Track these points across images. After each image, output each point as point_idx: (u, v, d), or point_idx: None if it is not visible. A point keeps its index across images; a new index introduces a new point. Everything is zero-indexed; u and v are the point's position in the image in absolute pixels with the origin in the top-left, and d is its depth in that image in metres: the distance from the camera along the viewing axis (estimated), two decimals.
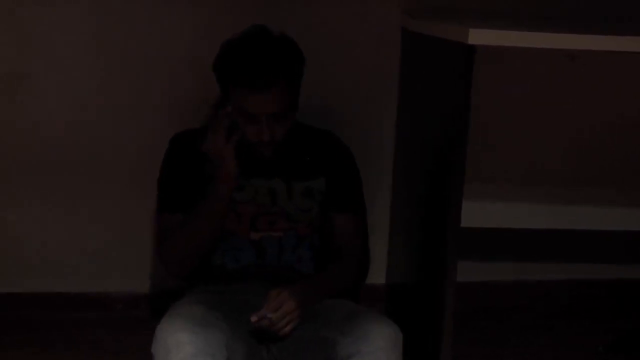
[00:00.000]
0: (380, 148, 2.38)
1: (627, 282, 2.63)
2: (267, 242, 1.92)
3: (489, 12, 2.28)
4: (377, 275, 2.37)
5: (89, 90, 2.27)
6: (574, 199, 2.39)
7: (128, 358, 2.12)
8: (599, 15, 2.32)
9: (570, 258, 2.60)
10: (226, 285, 1.88)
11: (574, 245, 2.56)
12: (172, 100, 2.28)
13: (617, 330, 2.42)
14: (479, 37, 1.65)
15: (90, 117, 2.28)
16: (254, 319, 1.70)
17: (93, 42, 2.24)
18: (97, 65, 2.25)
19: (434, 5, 2.29)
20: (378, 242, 2.30)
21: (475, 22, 1.85)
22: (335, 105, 2.31)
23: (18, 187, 2.30)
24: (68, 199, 2.32)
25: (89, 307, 2.37)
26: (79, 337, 2.25)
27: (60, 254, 2.35)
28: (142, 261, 2.38)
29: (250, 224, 1.92)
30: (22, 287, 2.35)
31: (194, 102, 2.20)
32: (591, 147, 2.44)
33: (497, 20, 1.99)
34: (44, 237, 2.34)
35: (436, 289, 1.87)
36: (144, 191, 2.31)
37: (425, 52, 2.09)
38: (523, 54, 1.88)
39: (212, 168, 1.86)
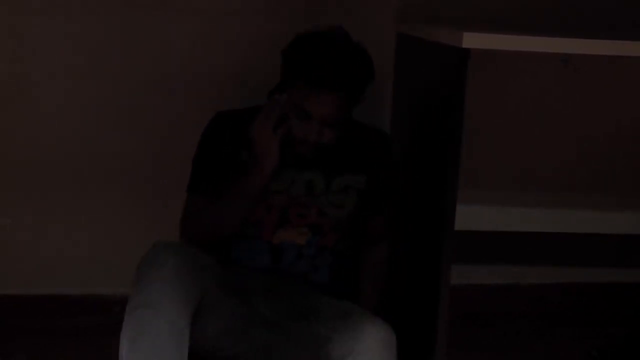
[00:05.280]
0: None
1: (621, 286, 2.64)
2: (287, 248, 1.89)
3: (483, 19, 2.29)
4: None
5: (85, 97, 2.27)
6: (568, 202, 2.39)
7: None
8: (594, 22, 2.33)
9: (564, 261, 2.61)
10: (237, 273, 1.86)
11: (568, 249, 2.57)
12: (170, 107, 2.29)
13: (611, 334, 2.43)
14: (473, 40, 1.65)
15: (88, 122, 2.29)
16: None
17: (90, 51, 2.24)
18: (95, 72, 2.26)
19: (428, 11, 2.30)
20: None
21: (468, 27, 1.85)
22: None
23: (15, 189, 2.30)
24: (65, 201, 2.33)
25: (86, 310, 2.37)
26: (76, 340, 2.25)
27: (57, 256, 2.36)
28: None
29: (279, 217, 1.87)
30: (18, 289, 2.35)
31: (192, 109, 2.21)
32: (585, 150, 2.46)
33: (491, 27, 2.00)
34: (40, 240, 2.35)
35: (430, 292, 1.88)
36: (142, 194, 2.32)
37: (420, 56, 2.09)
38: (517, 58, 1.89)
39: (250, 154, 1.81)
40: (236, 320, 1.74)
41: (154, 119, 2.29)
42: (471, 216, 2.19)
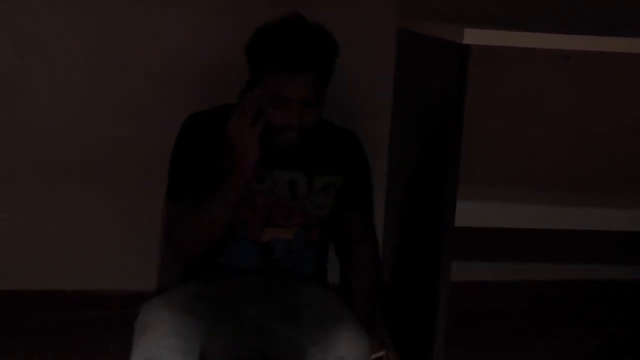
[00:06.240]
0: (374, 147, 2.37)
1: (622, 284, 2.65)
2: (277, 244, 1.90)
3: (483, 17, 2.29)
4: None
5: (86, 91, 2.27)
6: (568, 199, 2.39)
7: (124, 357, 2.12)
8: (593, 21, 2.33)
9: (564, 258, 2.61)
10: (227, 278, 1.88)
11: (568, 246, 2.57)
12: (171, 101, 2.28)
13: (611, 333, 2.43)
14: (474, 37, 1.65)
15: (88, 117, 2.29)
16: None
17: (90, 45, 2.24)
18: (95, 67, 2.25)
19: (429, 7, 2.29)
20: None
21: (469, 24, 1.85)
22: (330, 104, 2.31)
23: (15, 185, 2.30)
24: (64, 197, 2.32)
25: (84, 305, 2.37)
26: (75, 335, 2.25)
27: (56, 252, 2.36)
28: (140, 259, 2.38)
29: (265, 217, 1.88)
30: (16, 285, 2.35)
31: (192, 102, 2.20)
32: (585, 148, 2.45)
33: (492, 23, 2.00)
34: (39, 235, 2.35)
35: (430, 289, 1.88)
36: (141, 189, 2.32)
37: (421, 52, 2.09)
38: (518, 54, 1.88)
39: (231, 155, 1.78)
40: (236, 336, 1.79)
41: (156, 117, 2.29)
42: (471, 213, 2.19)
